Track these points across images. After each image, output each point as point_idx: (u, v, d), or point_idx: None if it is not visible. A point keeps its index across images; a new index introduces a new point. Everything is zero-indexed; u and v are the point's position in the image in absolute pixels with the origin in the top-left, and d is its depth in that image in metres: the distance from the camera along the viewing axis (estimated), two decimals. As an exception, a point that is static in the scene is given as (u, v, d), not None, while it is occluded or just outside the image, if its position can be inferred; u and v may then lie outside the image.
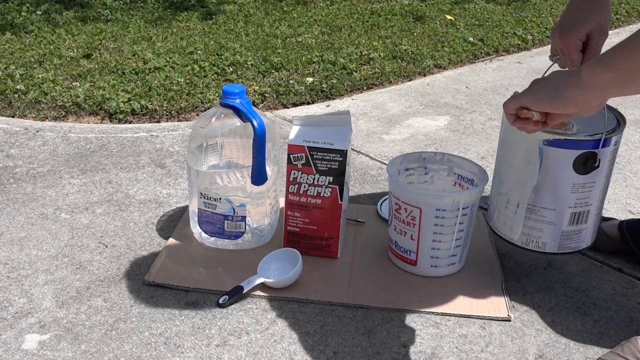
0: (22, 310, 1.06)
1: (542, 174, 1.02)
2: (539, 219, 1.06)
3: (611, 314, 1.10)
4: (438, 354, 0.99)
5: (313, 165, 1.13)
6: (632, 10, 3.46)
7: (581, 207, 1.05)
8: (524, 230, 1.09)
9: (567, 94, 0.77)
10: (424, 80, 2.33)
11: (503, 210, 1.11)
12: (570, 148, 0.99)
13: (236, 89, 1.13)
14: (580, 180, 1.01)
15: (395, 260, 1.20)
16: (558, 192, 1.03)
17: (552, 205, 1.04)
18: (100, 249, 1.24)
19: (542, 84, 0.82)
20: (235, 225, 1.20)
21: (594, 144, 0.98)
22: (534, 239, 1.09)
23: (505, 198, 1.10)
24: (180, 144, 1.70)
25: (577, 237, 1.09)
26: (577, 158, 0.99)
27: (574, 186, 1.02)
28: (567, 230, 1.07)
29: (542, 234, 1.08)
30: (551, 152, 1.00)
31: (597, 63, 0.75)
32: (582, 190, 1.03)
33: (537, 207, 1.06)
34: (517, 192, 1.07)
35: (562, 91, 0.78)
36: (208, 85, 2.14)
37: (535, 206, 1.06)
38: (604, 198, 1.10)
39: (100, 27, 2.77)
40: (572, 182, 1.02)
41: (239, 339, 1.01)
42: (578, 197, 1.03)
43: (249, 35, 2.73)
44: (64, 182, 1.49)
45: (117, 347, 0.99)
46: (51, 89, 2.05)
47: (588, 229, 1.09)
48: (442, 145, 1.78)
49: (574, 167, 1.00)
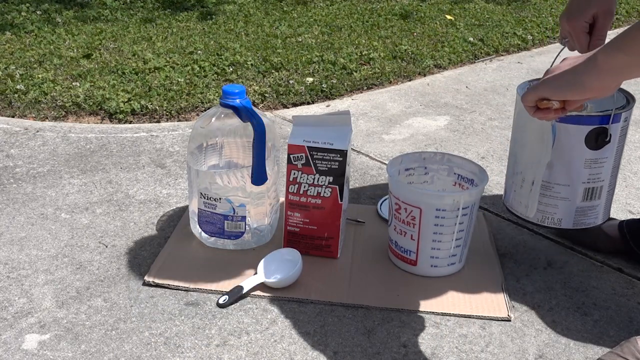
0: (22, 310, 1.06)
1: (555, 151, 1.06)
2: (554, 196, 1.10)
3: (611, 314, 1.10)
4: (438, 354, 0.99)
5: (313, 165, 1.13)
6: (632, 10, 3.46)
7: (594, 182, 1.08)
8: (539, 207, 1.12)
9: (584, 80, 0.79)
10: (424, 80, 2.33)
11: (519, 190, 1.15)
12: (581, 124, 1.02)
13: (236, 89, 1.13)
14: (592, 155, 1.05)
15: (395, 260, 1.20)
16: (571, 168, 1.07)
17: (566, 181, 1.08)
18: (100, 249, 1.24)
19: (557, 73, 0.83)
20: (235, 225, 1.20)
21: (604, 119, 1.02)
22: (550, 215, 1.12)
23: (520, 177, 1.14)
24: (180, 144, 1.70)
25: (592, 213, 1.13)
26: (588, 133, 1.03)
27: (587, 161, 1.06)
28: (581, 206, 1.11)
29: (557, 210, 1.12)
30: (564, 129, 1.03)
31: (612, 47, 0.76)
32: (595, 165, 1.06)
33: (552, 183, 1.09)
34: (531, 170, 1.11)
35: (579, 78, 0.79)
36: (208, 85, 2.14)
37: (550, 183, 1.09)
38: (616, 175, 1.13)
39: (100, 27, 2.77)
40: (584, 158, 1.05)
41: (239, 339, 1.01)
42: (591, 172, 1.07)
43: (249, 35, 2.73)
44: (64, 182, 1.49)
45: (117, 347, 0.99)
46: (51, 89, 2.05)
47: (601, 205, 1.12)
48: (442, 145, 1.78)
49: (586, 142, 1.03)
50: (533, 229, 1.35)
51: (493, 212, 1.42)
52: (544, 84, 0.84)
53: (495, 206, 1.44)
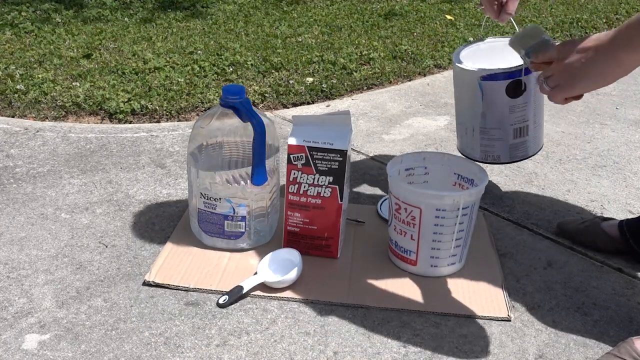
0: (22, 310, 1.06)
1: (485, 102, 1.30)
2: (491, 138, 1.34)
3: (611, 314, 1.10)
4: (438, 354, 0.99)
5: (313, 165, 1.13)
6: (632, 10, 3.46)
7: (520, 123, 1.33)
8: (481, 148, 1.37)
9: (608, 78, 0.86)
10: (424, 80, 2.33)
11: (464, 136, 1.39)
12: (501, 80, 1.26)
13: (236, 89, 1.13)
14: (514, 102, 1.29)
15: (395, 260, 1.20)
16: (500, 114, 1.31)
17: (498, 125, 1.32)
18: (100, 249, 1.24)
19: (577, 70, 0.87)
20: (235, 225, 1.20)
21: (518, 73, 1.26)
22: (490, 153, 1.37)
23: (464, 127, 1.38)
24: (180, 144, 1.70)
25: (522, 147, 1.37)
26: (507, 86, 1.26)
27: (511, 108, 1.29)
28: (513, 143, 1.35)
29: (495, 149, 1.36)
30: (488, 85, 1.27)
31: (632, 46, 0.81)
32: (518, 110, 1.30)
33: (487, 128, 1.33)
34: (470, 120, 1.35)
35: (606, 77, 0.86)
36: (208, 85, 2.14)
37: (486, 128, 1.34)
38: (541, 114, 1.37)
39: (100, 27, 2.77)
40: (508, 105, 1.29)
41: (239, 339, 1.01)
42: (516, 116, 1.31)
43: (249, 35, 2.73)
44: (64, 182, 1.49)
45: (117, 347, 0.99)
46: (51, 89, 2.05)
47: (529, 139, 1.36)
48: (442, 145, 1.78)
49: (507, 92, 1.27)
50: (533, 229, 1.35)
51: (493, 212, 1.42)
52: (570, 84, 0.89)
53: (495, 206, 1.44)
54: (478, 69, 1.27)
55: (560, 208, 1.45)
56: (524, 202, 1.47)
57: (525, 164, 1.66)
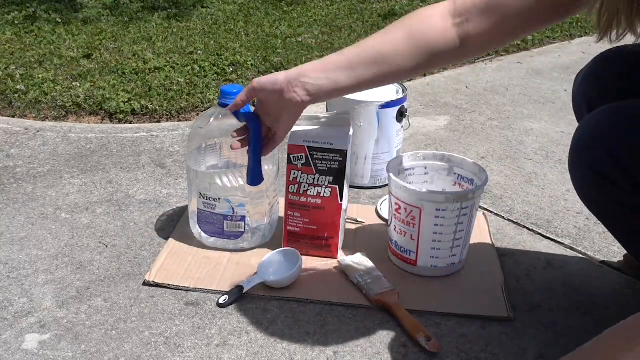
0: (22, 310, 1.06)
1: (379, 129, 1.45)
2: (380, 162, 1.47)
3: (611, 314, 1.10)
4: (438, 354, 0.99)
5: (313, 165, 1.13)
6: (632, 10, 3.45)
7: (400, 144, 1.52)
8: (372, 174, 1.49)
9: None
10: (424, 80, 2.33)
11: (354, 166, 1.48)
12: (392, 107, 1.44)
13: (234, 89, 1.12)
14: (399, 126, 1.47)
15: (395, 260, 1.20)
16: (390, 138, 1.47)
17: (388, 149, 1.48)
18: (100, 249, 1.24)
19: None
20: (234, 225, 1.20)
21: (403, 100, 1.46)
22: (380, 177, 1.50)
23: (354, 156, 1.46)
24: (180, 144, 1.71)
25: None
26: (397, 112, 1.45)
27: (397, 131, 1.48)
28: None
29: (384, 172, 1.45)
30: (384, 113, 1.43)
31: None
32: (399, 132, 1.49)
33: (379, 153, 1.47)
34: (364, 148, 1.46)
35: None
36: (208, 85, 2.14)
37: (377, 153, 1.47)
38: None
39: (101, 27, 2.77)
40: (396, 129, 1.47)
41: (239, 339, 1.01)
42: (399, 138, 1.49)
43: (249, 35, 2.73)
44: (64, 182, 1.49)
45: (117, 347, 0.99)
46: (51, 89, 2.05)
47: None
48: (442, 145, 1.78)
49: (396, 118, 1.45)
50: (533, 228, 1.35)
51: (493, 212, 1.42)
52: None
53: (495, 206, 1.44)
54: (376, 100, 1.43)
55: (560, 208, 1.45)
56: (524, 202, 1.47)
57: (525, 164, 1.66)
